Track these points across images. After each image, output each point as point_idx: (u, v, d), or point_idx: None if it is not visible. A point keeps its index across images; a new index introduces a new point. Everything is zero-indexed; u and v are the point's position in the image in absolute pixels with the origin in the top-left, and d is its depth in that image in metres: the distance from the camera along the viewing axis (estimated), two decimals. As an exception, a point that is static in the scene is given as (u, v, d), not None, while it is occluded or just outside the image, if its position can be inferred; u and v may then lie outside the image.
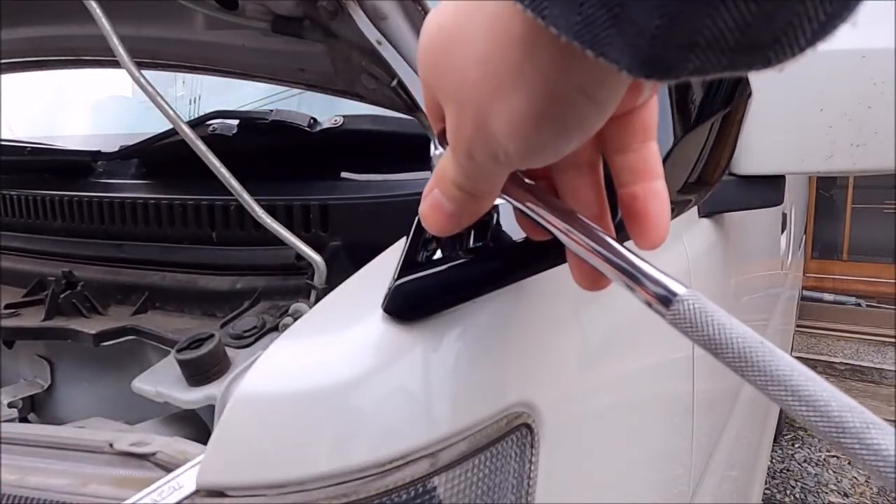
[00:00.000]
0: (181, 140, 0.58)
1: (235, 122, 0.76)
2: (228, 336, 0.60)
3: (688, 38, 0.18)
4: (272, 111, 0.73)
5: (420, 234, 0.37)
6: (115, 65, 0.75)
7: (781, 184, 0.81)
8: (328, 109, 0.79)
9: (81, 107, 1.30)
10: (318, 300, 0.44)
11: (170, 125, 0.59)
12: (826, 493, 2.44)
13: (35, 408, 0.79)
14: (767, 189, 0.80)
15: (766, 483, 2.43)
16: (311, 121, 0.72)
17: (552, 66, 0.22)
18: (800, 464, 2.67)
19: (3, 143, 1.00)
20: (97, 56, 0.92)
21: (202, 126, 0.76)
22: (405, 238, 0.37)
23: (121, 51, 0.59)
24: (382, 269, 0.38)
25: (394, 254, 0.41)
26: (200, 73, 0.88)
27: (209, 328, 0.60)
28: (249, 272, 0.72)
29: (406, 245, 0.37)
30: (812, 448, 2.80)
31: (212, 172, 0.58)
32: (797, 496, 2.42)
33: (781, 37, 0.18)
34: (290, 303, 0.64)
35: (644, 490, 0.57)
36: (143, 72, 0.60)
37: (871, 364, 3.58)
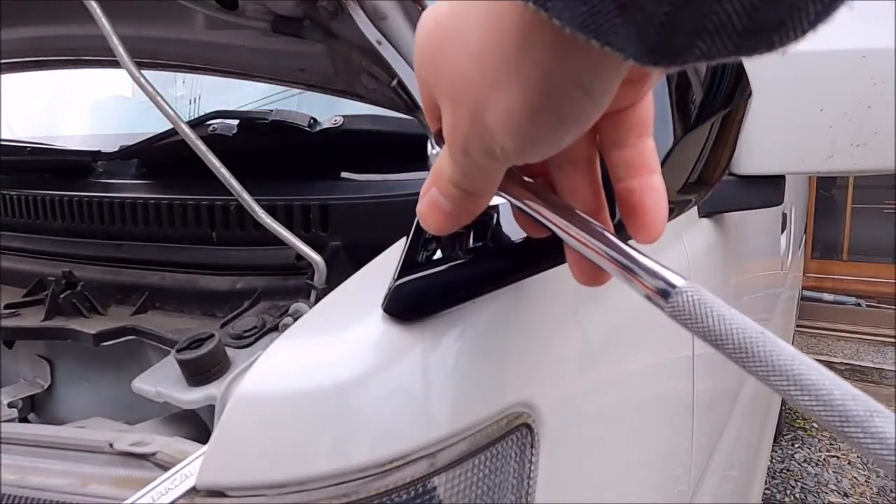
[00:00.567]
0: (181, 140, 0.58)
1: (235, 122, 0.76)
2: (228, 336, 0.60)
3: (696, 24, 0.18)
4: (272, 111, 0.73)
5: (420, 234, 0.37)
6: (115, 65, 0.75)
7: (781, 184, 0.81)
8: (328, 109, 0.79)
9: (81, 107, 1.30)
10: (318, 300, 0.44)
11: (170, 125, 0.59)
12: (826, 493, 2.44)
13: (35, 408, 0.79)
14: (767, 189, 0.79)
15: (766, 483, 2.42)
16: (311, 121, 0.72)
17: (547, 60, 0.22)
18: (800, 464, 2.67)
19: (3, 143, 1.00)
20: (97, 56, 0.92)
21: (202, 126, 0.76)
22: (405, 238, 0.37)
23: (121, 51, 0.59)
24: (382, 269, 0.38)
25: (394, 254, 0.41)
26: (200, 73, 0.89)
27: (209, 328, 0.60)
28: (249, 272, 0.72)
29: (406, 245, 0.37)
30: (812, 448, 2.80)
31: (212, 172, 0.58)
32: (797, 496, 2.42)
33: (787, 19, 0.18)
34: (290, 303, 0.63)
35: (644, 490, 0.57)
36: (143, 72, 0.60)
37: (871, 364, 3.58)
